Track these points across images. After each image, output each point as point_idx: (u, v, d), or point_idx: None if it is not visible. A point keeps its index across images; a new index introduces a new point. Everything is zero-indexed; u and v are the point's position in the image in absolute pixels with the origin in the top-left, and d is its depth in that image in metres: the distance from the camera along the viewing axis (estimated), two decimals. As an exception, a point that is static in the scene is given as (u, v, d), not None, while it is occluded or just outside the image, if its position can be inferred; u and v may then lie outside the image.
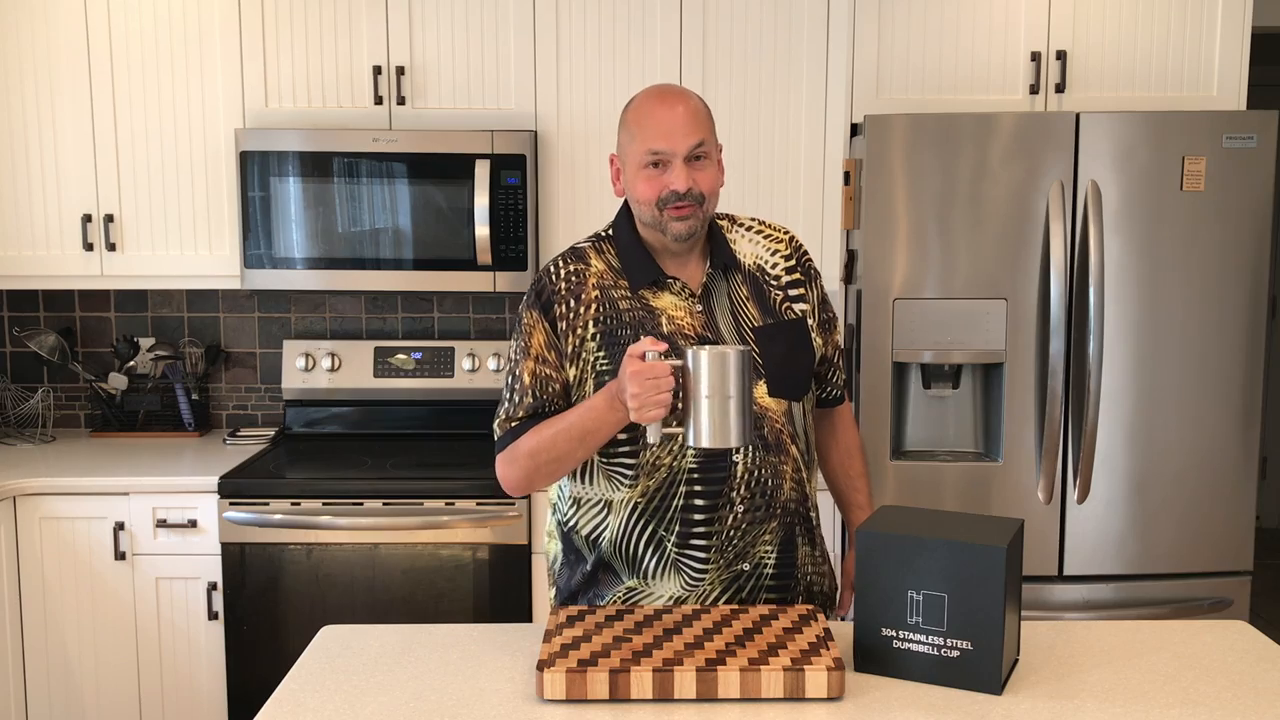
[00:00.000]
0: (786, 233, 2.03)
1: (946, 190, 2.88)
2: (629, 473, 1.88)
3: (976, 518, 1.76)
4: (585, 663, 1.62)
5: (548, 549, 2.06)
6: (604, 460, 1.89)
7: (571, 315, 1.88)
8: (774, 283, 1.96)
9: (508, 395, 1.92)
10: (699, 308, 1.90)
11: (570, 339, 1.87)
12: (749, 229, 2.01)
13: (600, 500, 1.92)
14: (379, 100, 3.24)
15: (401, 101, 3.24)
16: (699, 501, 1.86)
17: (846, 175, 3.09)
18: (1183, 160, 2.87)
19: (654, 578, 1.90)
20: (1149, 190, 2.87)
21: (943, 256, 2.90)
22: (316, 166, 3.18)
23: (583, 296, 1.89)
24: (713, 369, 1.67)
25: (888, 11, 3.06)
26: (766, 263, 1.97)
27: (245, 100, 3.24)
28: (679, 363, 1.70)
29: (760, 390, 1.88)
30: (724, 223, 2.00)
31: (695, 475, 1.86)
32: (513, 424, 1.89)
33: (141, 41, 3.23)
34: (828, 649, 1.66)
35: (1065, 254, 2.85)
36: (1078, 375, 2.89)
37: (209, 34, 3.23)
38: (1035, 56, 3.07)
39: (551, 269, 1.92)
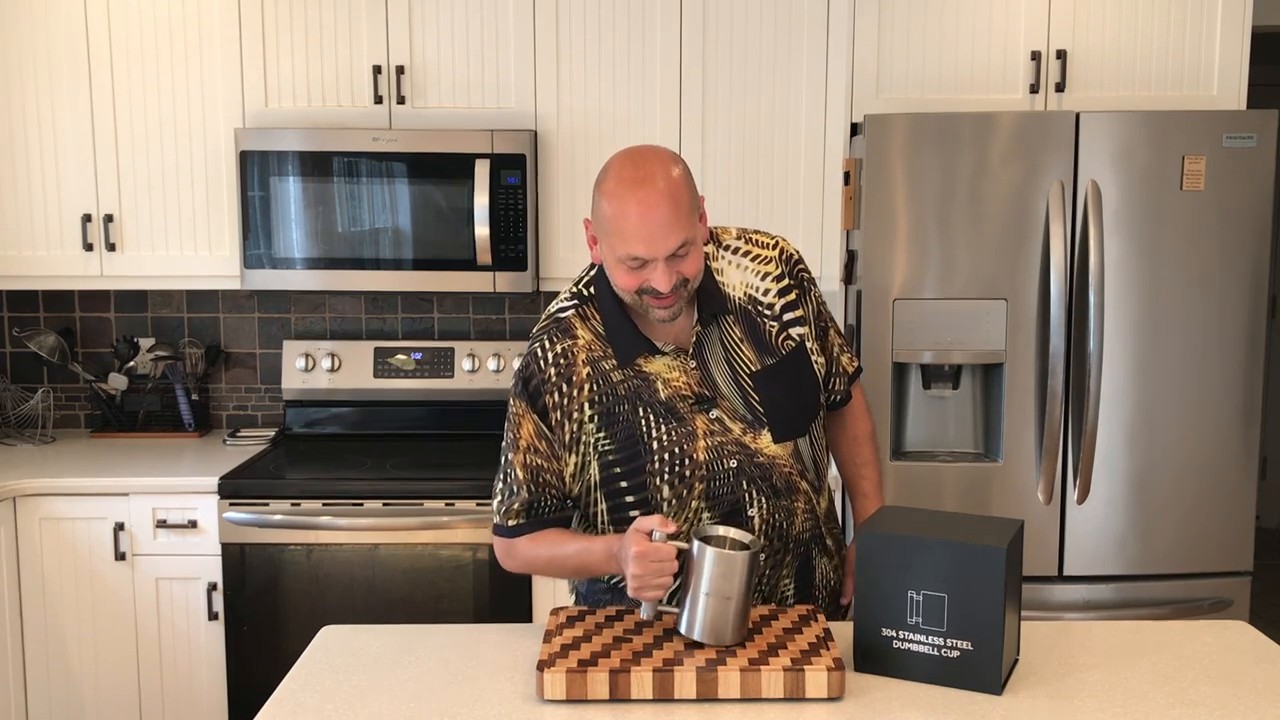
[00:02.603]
0: (775, 245, 1.94)
1: (946, 190, 2.88)
2: None
3: (976, 518, 1.76)
4: (585, 663, 1.62)
5: None
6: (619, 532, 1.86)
7: (565, 401, 1.83)
8: (767, 312, 1.89)
9: (502, 483, 1.89)
10: (693, 364, 1.85)
11: (567, 426, 1.83)
12: (735, 251, 1.92)
13: None
14: (379, 100, 3.24)
15: (401, 101, 3.24)
16: None
17: (846, 175, 3.09)
18: (1183, 160, 2.87)
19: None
20: (1149, 190, 2.87)
21: (943, 256, 2.90)
22: (316, 166, 3.18)
23: (574, 379, 1.83)
24: (717, 570, 1.66)
25: (888, 11, 3.06)
26: (758, 290, 1.90)
27: (245, 100, 3.24)
28: (685, 546, 1.69)
29: (764, 440, 1.85)
30: (709, 247, 1.91)
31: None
32: (510, 522, 1.87)
33: (141, 41, 3.23)
34: (828, 649, 1.66)
35: (1065, 254, 2.85)
36: (1078, 375, 2.89)
37: (209, 34, 3.23)
38: (1035, 56, 3.07)
39: (539, 353, 1.85)
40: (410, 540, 3.01)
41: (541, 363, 1.84)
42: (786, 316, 1.90)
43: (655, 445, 1.82)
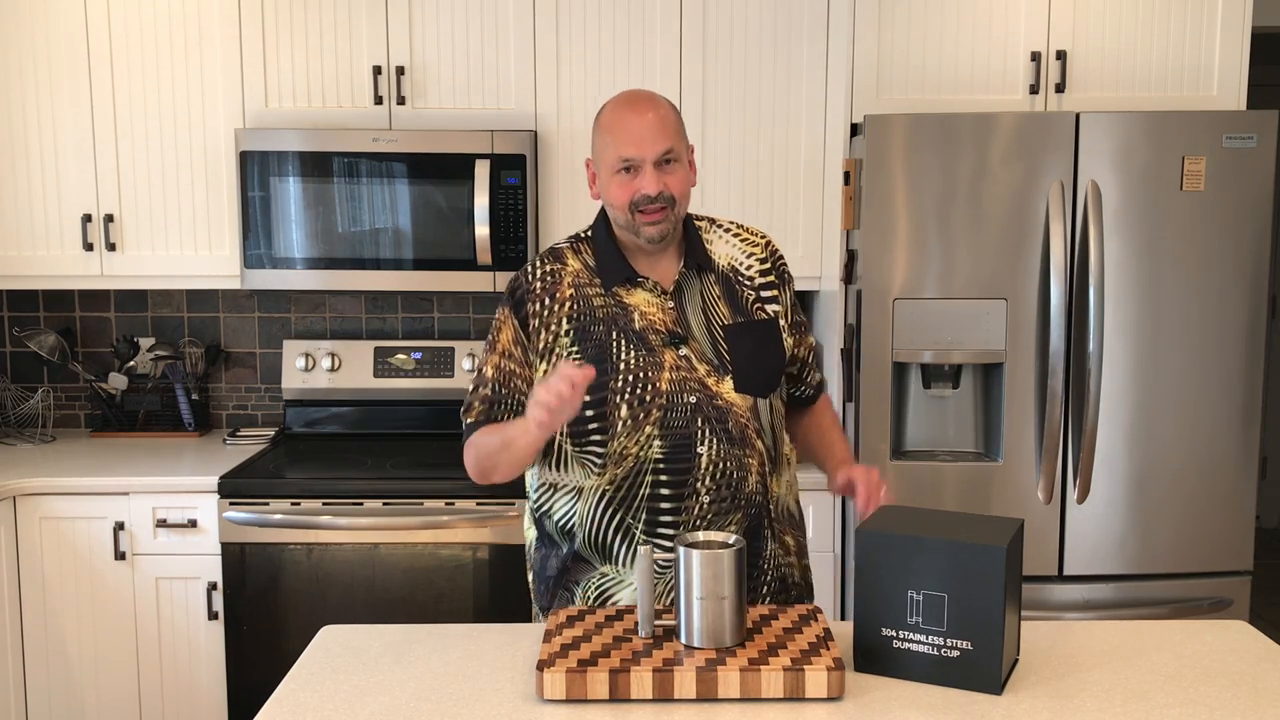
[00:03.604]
0: (763, 237, 2.09)
1: (946, 190, 2.88)
2: (598, 461, 1.93)
3: (976, 518, 1.76)
4: (585, 663, 1.62)
5: (526, 534, 2.13)
6: (575, 448, 1.95)
7: (545, 313, 1.96)
8: (747, 283, 2.02)
9: (473, 386, 2.02)
10: (670, 304, 1.97)
11: (543, 335, 1.95)
12: (727, 230, 2.07)
13: (573, 487, 1.97)
14: (379, 100, 3.24)
15: (401, 101, 3.24)
16: (665, 491, 1.92)
17: (846, 175, 3.09)
18: (1183, 160, 2.87)
19: (624, 565, 1.95)
20: (1149, 190, 2.87)
21: (943, 256, 2.90)
22: (316, 166, 3.18)
23: (557, 295, 1.96)
24: (706, 571, 1.67)
25: (888, 11, 3.06)
26: (741, 264, 2.03)
27: (245, 100, 3.24)
28: (670, 558, 1.72)
29: (726, 386, 1.93)
30: (703, 224, 2.07)
31: (661, 465, 1.91)
32: (468, 420, 2.00)
33: (141, 41, 3.23)
34: (828, 649, 1.66)
35: (1065, 254, 2.85)
36: (1078, 375, 2.89)
37: (209, 34, 3.23)
38: (1035, 56, 3.07)
39: (528, 268, 2.01)
40: (410, 540, 3.01)
41: (529, 276, 2.00)
42: (764, 294, 2.03)
43: (622, 366, 1.91)
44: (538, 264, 2.01)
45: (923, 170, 2.88)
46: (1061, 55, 3.06)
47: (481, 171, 3.16)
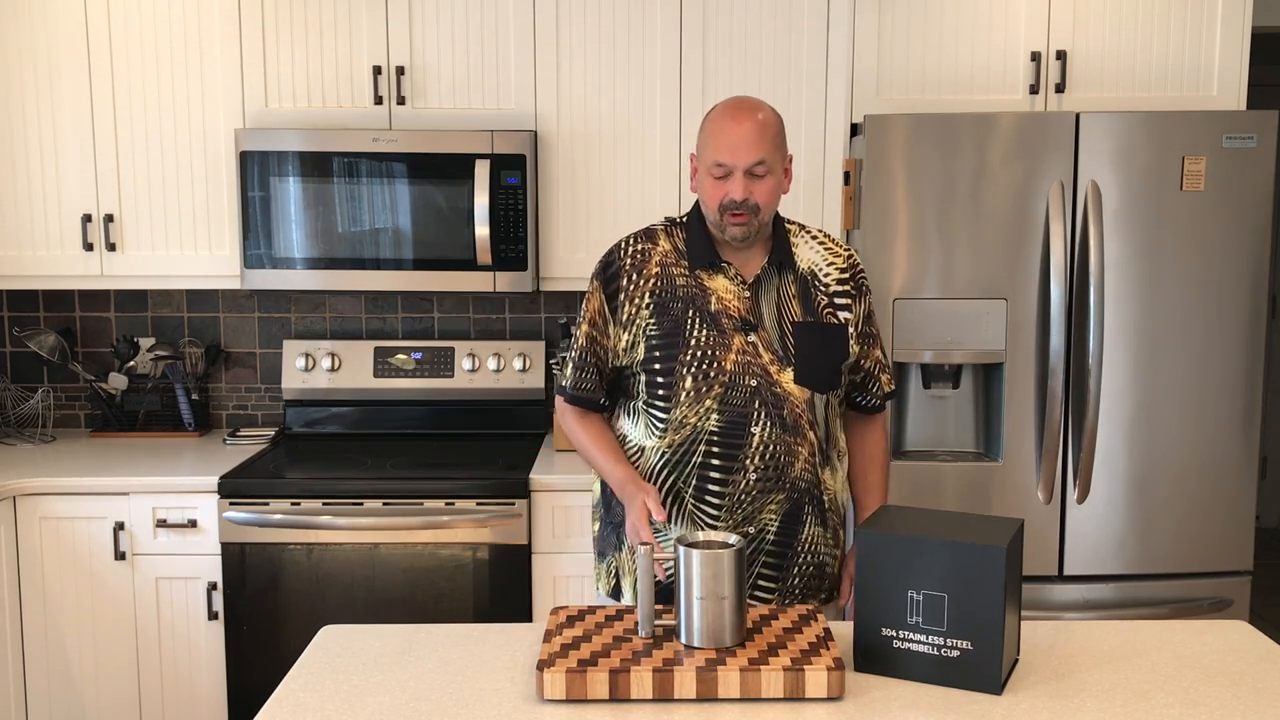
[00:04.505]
0: (846, 249, 2.20)
1: (946, 190, 2.88)
2: (660, 425, 2.08)
3: (976, 518, 1.76)
4: (585, 663, 1.63)
5: (594, 488, 2.27)
6: (645, 407, 2.10)
7: (631, 287, 2.11)
8: (822, 289, 2.13)
9: (570, 349, 2.20)
10: (747, 294, 2.09)
11: (627, 308, 2.10)
12: (814, 237, 2.19)
13: (638, 445, 2.13)
14: (379, 100, 3.24)
15: (401, 101, 3.24)
16: (715, 461, 2.05)
17: (846, 175, 3.09)
18: (1183, 160, 2.87)
19: (670, 526, 2.08)
20: (1149, 190, 2.87)
21: (943, 256, 2.90)
22: (316, 166, 3.18)
23: (644, 271, 2.11)
24: (706, 571, 1.68)
25: (888, 11, 3.06)
26: (821, 270, 2.15)
27: (245, 100, 3.24)
28: (671, 556, 1.82)
29: (786, 377, 2.05)
30: (793, 228, 2.19)
31: (715, 437, 2.05)
32: (563, 382, 2.19)
33: (141, 42, 3.23)
34: (828, 649, 1.66)
35: (1065, 254, 2.85)
36: (1078, 375, 2.89)
37: (209, 34, 3.23)
38: (1035, 56, 3.07)
39: (623, 244, 2.16)
40: (410, 540, 3.01)
41: (621, 252, 2.15)
42: (838, 301, 2.14)
43: (693, 342, 2.06)
44: (632, 241, 2.15)
45: (922, 170, 2.88)
46: (1061, 55, 3.06)
47: (481, 171, 3.16)
